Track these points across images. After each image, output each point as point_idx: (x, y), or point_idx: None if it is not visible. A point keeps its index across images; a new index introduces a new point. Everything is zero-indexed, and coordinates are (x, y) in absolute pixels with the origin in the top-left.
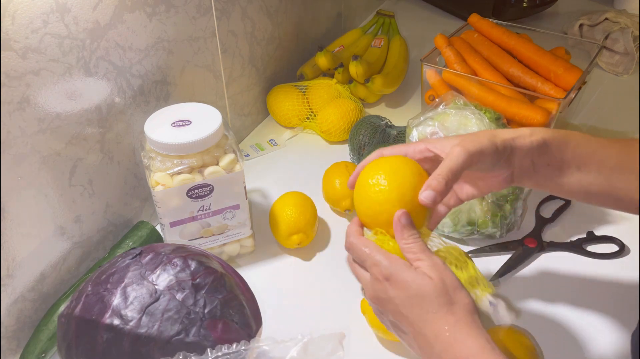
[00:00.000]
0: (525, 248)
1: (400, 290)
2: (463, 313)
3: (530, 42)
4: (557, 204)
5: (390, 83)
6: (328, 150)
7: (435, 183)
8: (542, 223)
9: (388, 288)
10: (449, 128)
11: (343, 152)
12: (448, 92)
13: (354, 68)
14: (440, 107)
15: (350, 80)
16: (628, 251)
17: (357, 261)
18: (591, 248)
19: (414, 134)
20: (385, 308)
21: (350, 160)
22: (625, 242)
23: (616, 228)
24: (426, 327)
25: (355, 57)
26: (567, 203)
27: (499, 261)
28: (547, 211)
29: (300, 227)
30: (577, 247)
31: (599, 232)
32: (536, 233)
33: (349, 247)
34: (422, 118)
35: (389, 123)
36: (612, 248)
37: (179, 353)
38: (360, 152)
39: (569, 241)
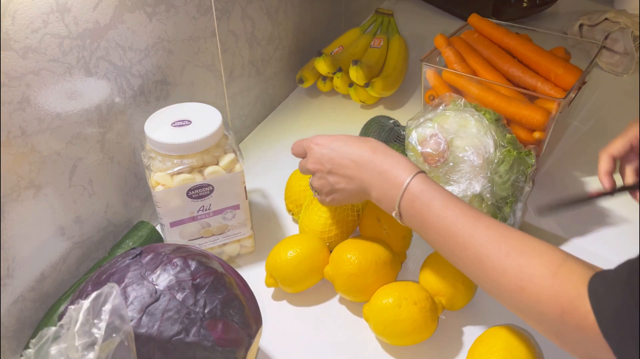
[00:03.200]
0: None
1: (328, 144)
2: (379, 143)
3: (530, 42)
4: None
5: (390, 86)
6: None
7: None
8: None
9: (320, 149)
10: (448, 130)
11: None
12: (446, 94)
13: (354, 73)
14: (440, 108)
15: (350, 84)
16: None
17: (307, 173)
18: None
19: (413, 136)
20: (322, 165)
21: None
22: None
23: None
24: (351, 154)
25: (355, 62)
26: None
27: None
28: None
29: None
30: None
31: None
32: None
33: (301, 170)
34: (421, 120)
35: (397, 123)
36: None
37: None
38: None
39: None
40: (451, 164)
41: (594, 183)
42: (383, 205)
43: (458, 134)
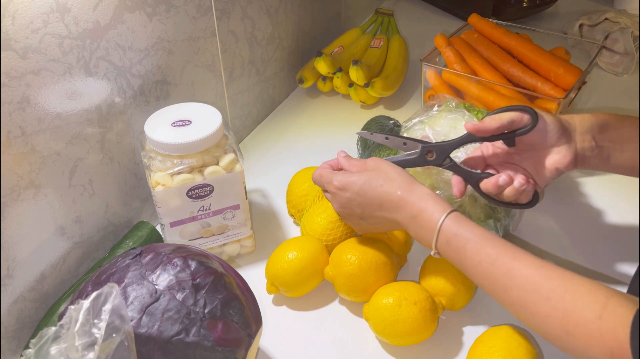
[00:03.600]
0: None
1: (352, 188)
2: (402, 177)
3: (530, 42)
4: None
5: (390, 86)
6: (332, 149)
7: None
8: None
9: (344, 193)
10: (439, 131)
11: (350, 152)
12: (439, 94)
13: (354, 73)
14: (434, 109)
15: (350, 84)
16: None
17: (321, 187)
18: None
19: None
20: (350, 211)
21: (358, 157)
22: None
23: None
24: (382, 197)
25: (355, 62)
26: None
27: None
28: None
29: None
30: None
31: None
32: None
33: (314, 180)
34: (413, 121)
35: (397, 123)
36: None
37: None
38: (368, 150)
39: None
40: None
41: (593, 183)
42: (422, 244)
43: (449, 135)
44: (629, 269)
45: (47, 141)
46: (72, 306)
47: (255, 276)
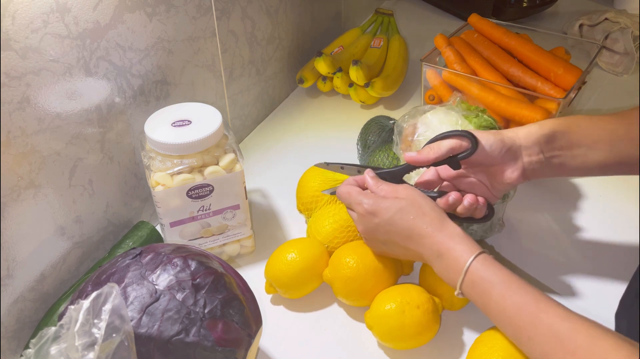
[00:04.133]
0: None
1: (382, 216)
2: (434, 213)
3: (530, 42)
4: None
5: (390, 86)
6: (332, 149)
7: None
8: None
9: (373, 218)
10: (428, 124)
11: (350, 152)
12: (455, 93)
13: (354, 73)
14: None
15: (350, 84)
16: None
17: (346, 204)
18: None
19: (398, 126)
20: (374, 235)
21: (358, 157)
22: None
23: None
24: (411, 229)
25: (356, 62)
26: None
27: None
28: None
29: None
30: None
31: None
32: None
33: (339, 196)
34: (406, 117)
35: (392, 120)
36: None
37: None
38: (368, 150)
39: None
40: (413, 151)
41: (593, 183)
42: (446, 282)
43: (438, 130)
44: (630, 269)
45: (47, 141)
46: (72, 306)
47: (255, 276)
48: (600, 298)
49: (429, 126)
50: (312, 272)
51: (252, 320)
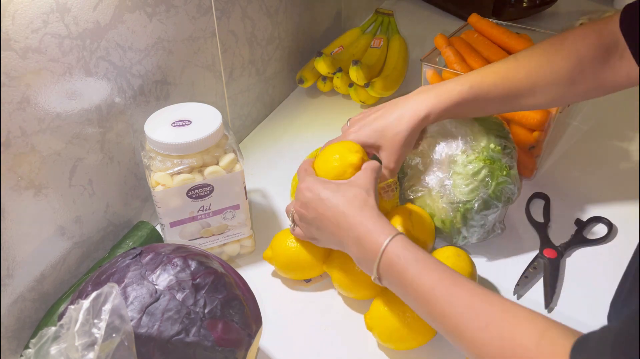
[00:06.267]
0: (551, 262)
1: (307, 196)
2: (359, 198)
3: (530, 42)
4: (540, 204)
5: (390, 86)
6: None
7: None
8: (541, 228)
9: (298, 201)
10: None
11: None
12: None
13: (354, 73)
14: None
15: (350, 84)
16: (616, 230)
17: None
18: (589, 235)
19: None
20: (305, 221)
21: None
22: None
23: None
24: (335, 211)
25: (355, 62)
26: (547, 200)
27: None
28: (536, 214)
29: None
30: (582, 239)
31: (582, 217)
32: (546, 241)
33: (298, 170)
34: None
35: None
36: (603, 228)
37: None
38: None
39: (571, 236)
40: (421, 150)
41: (594, 183)
42: (363, 268)
43: (442, 128)
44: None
45: (47, 141)
46: (72, 306)
47: (255, 276)
48: (596, 300)
49: (438, 125)
50: (311, 257)
51: (252, 320)
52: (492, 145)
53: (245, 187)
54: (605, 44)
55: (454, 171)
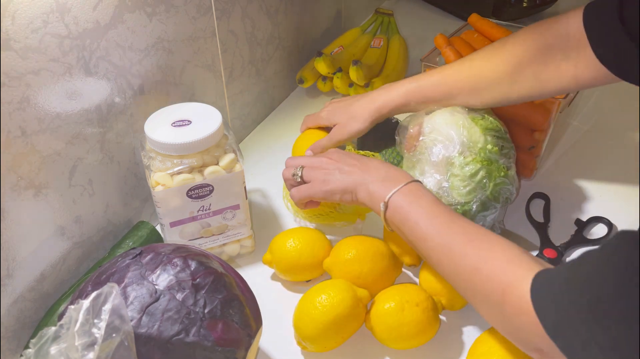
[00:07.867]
0: (551, 262)
1: (336, 152)
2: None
3: None
4: (540, 204)
5: None
6: None
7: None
8: (542, 228)
9: (325, 156)
10: (433, 126)
11: None
12: None
13: (354, 73)
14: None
15: (350, 84)
16: (616, 230)
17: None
18: (589, 235)
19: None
20: (323, 165)
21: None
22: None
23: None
24: (363, 158)
25: (355, 62)
26: (548, 201)
27: None
28: (536, 214)
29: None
30: (582, 239)
31: (582, 217)
32: (546, 241)
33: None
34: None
35: (398, 121)
36: (603, 228)
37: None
38: (362, 140)
39: (571, 236)
40: (418, 152)
41: (593, 185)
42: (373, 199)
43: (440, 131)
44: None
45: (47, 141)
46: (72, 306)
47: (255, 276)
48: None
49: (435, 127)
50: (313, 258)
51: (252, 320)
52: (489, 146)
53: (245, 187)
54: (548, 45)
55: (452, 173)
